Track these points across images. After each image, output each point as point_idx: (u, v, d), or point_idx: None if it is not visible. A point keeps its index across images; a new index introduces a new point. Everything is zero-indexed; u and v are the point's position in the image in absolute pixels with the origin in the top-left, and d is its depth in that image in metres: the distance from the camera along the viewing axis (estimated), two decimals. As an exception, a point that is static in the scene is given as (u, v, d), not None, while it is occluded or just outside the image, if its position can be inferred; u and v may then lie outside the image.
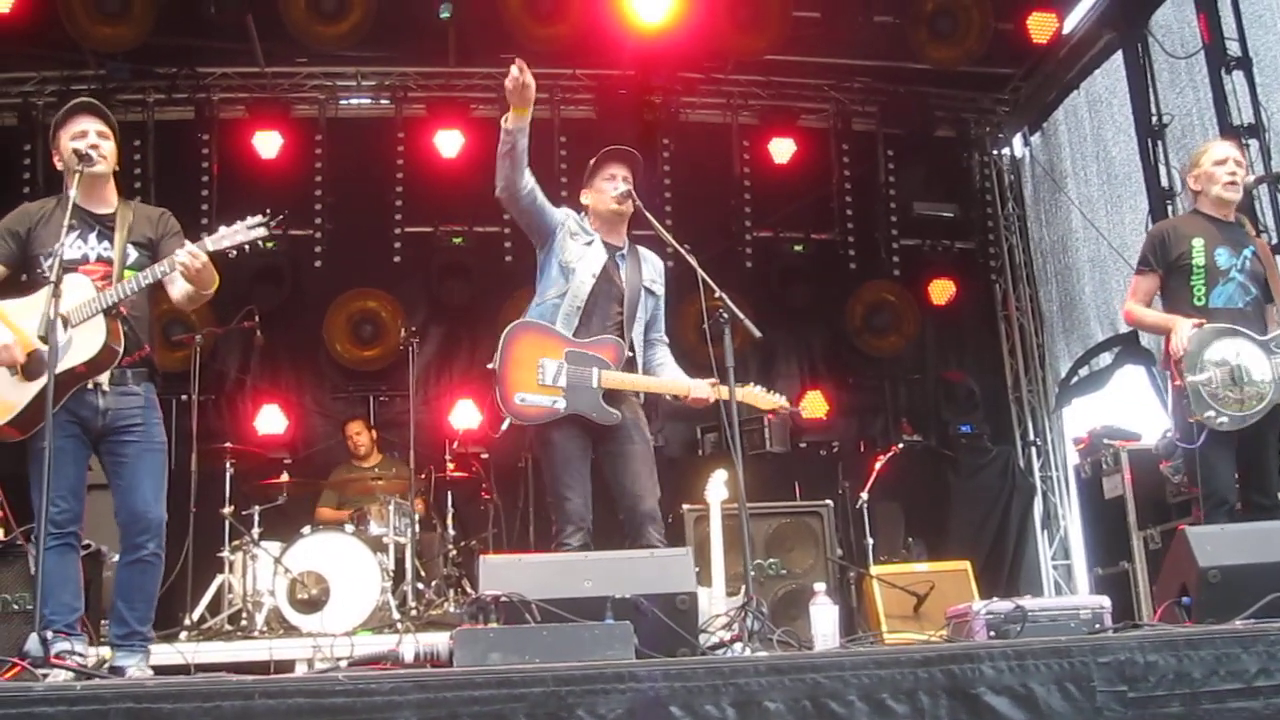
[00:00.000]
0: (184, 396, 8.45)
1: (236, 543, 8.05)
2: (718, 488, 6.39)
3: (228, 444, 8.42)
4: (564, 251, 5.54)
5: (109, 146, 5.02)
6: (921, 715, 3.46)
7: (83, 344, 4.72)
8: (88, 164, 4.85)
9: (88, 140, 4.92)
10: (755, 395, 5.63)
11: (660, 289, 5.76)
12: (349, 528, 7.99)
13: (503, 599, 3.64)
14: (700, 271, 5.32)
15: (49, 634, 4.12)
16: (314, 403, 10.61)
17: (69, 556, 4.78)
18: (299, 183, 10.53)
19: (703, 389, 5.46)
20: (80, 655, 4.56)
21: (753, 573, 6.91)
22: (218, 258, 4.92)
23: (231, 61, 10.60)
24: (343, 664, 3.74)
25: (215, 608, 7.98)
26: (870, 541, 8.52)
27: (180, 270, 4.78)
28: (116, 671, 4.76)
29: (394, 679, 3.28)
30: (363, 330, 10.60)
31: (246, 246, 4.84)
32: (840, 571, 7.92)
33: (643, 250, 5.77)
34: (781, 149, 11.04)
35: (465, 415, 9.96)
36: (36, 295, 4.81)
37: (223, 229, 4.86)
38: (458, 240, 10.63)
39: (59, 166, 4.97)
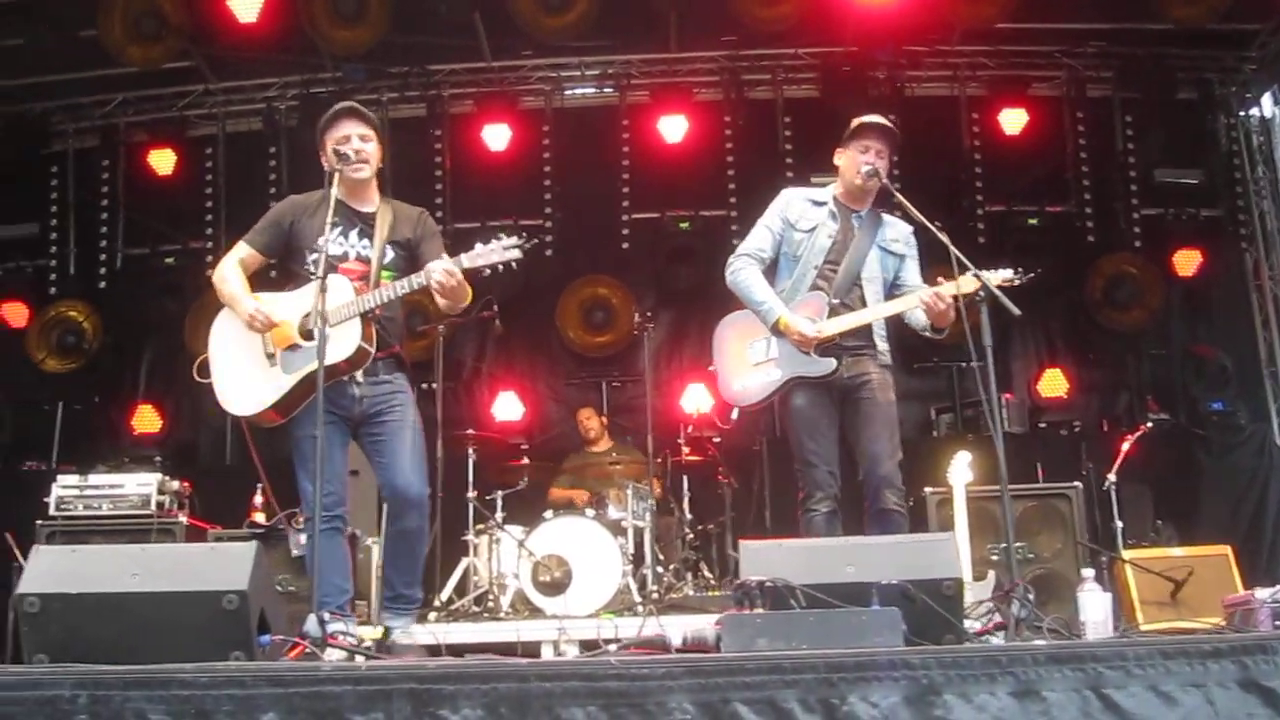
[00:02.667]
0: (423, 385, 8.71)
1: (481, 527, 8.25)
2: (961, 470, 6.20)
3: (470, 431, 8.63)
4: (790, 246, 5.72)
5: (371, 149, 5.20)
6: (1212, 708, 3.30)
7: (338, 343, 4.89)
8: (345, 163, 5.04)
9: (351, 145, 5.11)
10: (971, 282, 5.28)
11: (903, 249, 5.76)
12: (590, 511, 8.10)
13: (768, 584, 3.61)
14: (953, 249, 5.19)
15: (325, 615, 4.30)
16: (548, 389, 10.84)
17: (336, 539, 5.03)
18: (528, 173, 10.75)
19: (946, 287, 5.31)
20: (351, 636, 4.74)
21: (996, 557, 6.85)
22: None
23: (459, 58, 10.85)
24: (612, 648, 3.77)
25: (462, 589, 8.20)
26: (1119, 525, 8.19)
27: (435, 287, 4.93)
28: (386, 633, 5.04)
29: (666, 663, 3.30)
30: (594, 316, 10.78)
31: (500, 266, 4.96)
32: (1090, 556, 7.63)
33: (886, 216, 5.77)
34: (1012, 119, 10.66)
35: (696, 399, 9.98)
36: (296, 292, 5.10)
37: (479, 247, 4.99)
38: (684, 225, 10.69)
39: (326, 167, 5.14)
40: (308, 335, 4.97)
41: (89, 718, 3.30)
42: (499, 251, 4.95)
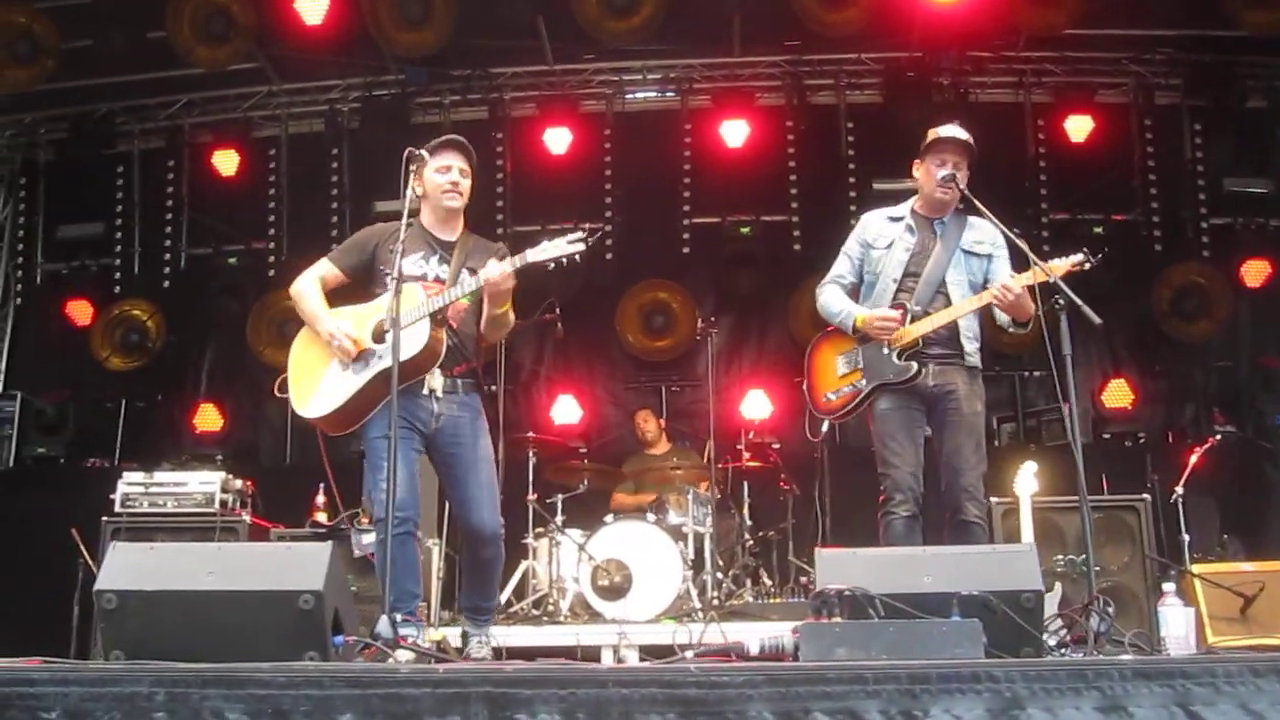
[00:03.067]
0: (485, 388, 8.72)
1: (540, 530, 8.25)
2: (1027, 480, 6.17)
3: (530, 434, 8.60)
4: (870, 265, 5.82)
5: (467, 185, 5.31)
6: (1306, 727, 3.21)
7: (407, 343, 4.92)
8: (417, 161, 5.06)
9: (450, 175, 5.23)
10: (1037, 275, 5.28)
11: (989, 249, 5.74)
12: (650, 516, 8.07)
13: (846, 593, 3.56)
14: (1032, 256, 5.16)
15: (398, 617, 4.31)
16: (606, 393, 10.82)
17: (408, 544, 5.02)
18: (588, 177, 10.76)
19: (1023, 277, 5.34)
20: (422, 642, 4.75)
21: (1062, 569, 6.76)
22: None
23: (521, 61, 10.87)
24: (688, 655, 3.74)
25: (520, 592, 8.19)
26: (1185, 538, 8.05)
27: (487, 285, 4.99)
28: (465, 638, 5.22)
29: (746, 671, 3.25)
30: (654, 321, 10.75)
31: (564, 260, 5.01)
32: (1159, 569, 7.50)
33: (971, 219, 5.75)
34: (1078, 126, 10.52)
35: (756, 405, 9.91)
36: (373, 302, 5.18)
37: (544, 243, 5.05)
38: (745, 230, 10.64)
39: (417, 191, 5.24)
40: (379, 339, 5.03)
41: (167, 715, 3.30)
42: (562, 245, 5.01)
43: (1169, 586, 4.68)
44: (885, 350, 5.56)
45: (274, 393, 5.35)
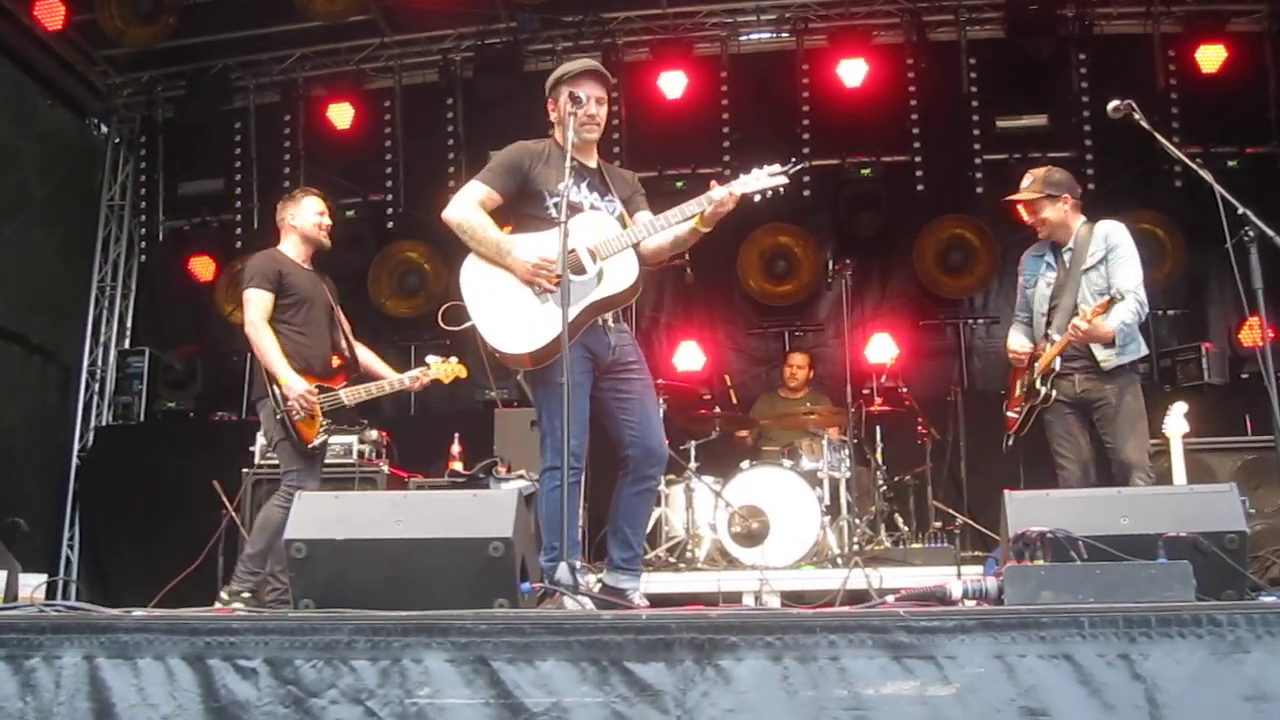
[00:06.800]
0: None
1: (672, 476, 8.20)
2: (1177, 421, 6.20)
3: (660, 380, 8.49)
4: (1029, 302, 6.43)
5: (603, 113, 5.16)
6: None
7: (616, 275, 4.91)
8: (577, 105, 4.95)
9: (586, 109, 5.00)
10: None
11: (1102, 252, 6.10)
12: (786, 462, 8.00)
13: (1049, 535, 3.47)
14: (1219, 188, 5.05)
15: (578, 563, 4.27)
16: (728, 339, 10.73)
17: (573, 492, 4.92)
18: (705, 120, 10.62)
19: (1073, 324, 5.93)
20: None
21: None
22: None
23: (633, 5, 10.75)
24: (890, 599, 3.68)
25: (653, 540, 8.16)
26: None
27: (711, 208, 4.88)
28: (620, 594, 4.96)
29: (957, 616, 3.19)
30: (775, 265, 10.60)
31: (769, 192, 4.96)
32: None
33: (1095, 227, 6.16)
34: (1210, 57, 10.14)
35: (882, 348, 9.74)
36: (552, 232, 4.87)
37: (742, 176, 4.99)
38: (866, 171, 10.41)
39: (553, 118, 5.12)
40: (578, 270, 4.84)
41: (368, 663, 3.33)
42: (764, 178, 4.95)
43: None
44: (1034, 375, 6.16)
45: (438, 322, 5.10)
